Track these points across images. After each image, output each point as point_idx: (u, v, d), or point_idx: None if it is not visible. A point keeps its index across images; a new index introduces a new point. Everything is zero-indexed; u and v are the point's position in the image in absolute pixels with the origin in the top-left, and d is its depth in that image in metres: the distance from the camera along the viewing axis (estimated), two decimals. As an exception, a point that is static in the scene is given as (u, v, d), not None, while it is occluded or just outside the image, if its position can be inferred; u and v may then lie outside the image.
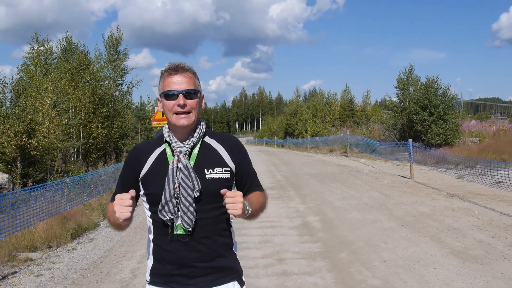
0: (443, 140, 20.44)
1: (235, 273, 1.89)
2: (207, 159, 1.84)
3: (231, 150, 1.90)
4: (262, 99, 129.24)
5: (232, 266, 1.89)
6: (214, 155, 1.87)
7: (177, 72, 1.79)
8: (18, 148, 11.90)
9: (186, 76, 1.80)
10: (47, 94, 14.10)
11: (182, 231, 1.75)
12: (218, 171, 1.82)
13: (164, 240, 1.80)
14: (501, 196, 9.06)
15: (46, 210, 6.95)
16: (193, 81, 1.82)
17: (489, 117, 44.30)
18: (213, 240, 1.81)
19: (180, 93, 1.77)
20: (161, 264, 1.82)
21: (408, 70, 25.92)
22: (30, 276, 5.21)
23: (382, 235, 6.40)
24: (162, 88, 1.81)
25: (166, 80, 1.80)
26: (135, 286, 4.70)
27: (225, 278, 1.84)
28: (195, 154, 1.84)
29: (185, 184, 1.74)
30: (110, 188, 10.87)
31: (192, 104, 1.80)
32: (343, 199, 9.55)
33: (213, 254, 1.81)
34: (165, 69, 1.84)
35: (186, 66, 1.83)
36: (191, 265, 1.78)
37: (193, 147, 1.85)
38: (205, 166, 1.82)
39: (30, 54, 19.21)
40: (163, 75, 1.83)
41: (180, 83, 1.78)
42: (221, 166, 1.84)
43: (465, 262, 5.02)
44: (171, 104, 1.78)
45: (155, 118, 13.79)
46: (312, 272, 4.90)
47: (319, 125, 40.52)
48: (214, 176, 1.81)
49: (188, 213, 1.73)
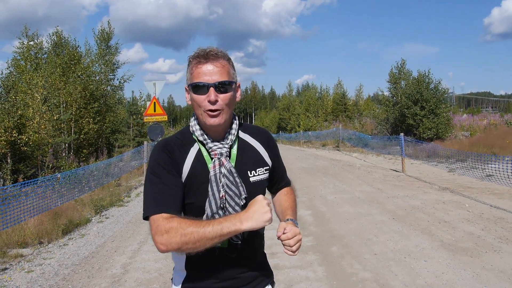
0: (435, 134, 20.58)
1: (270, 276, 1.79)
2: (248, 159, 1.64)
3: (268, 145, 1.73)
4: (255, 94, 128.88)
5: (268, 269, 1.80)
6: (254, 153, 1.67)
7: (208, 60, 1.52)
8: (8, 144, 11.79)
9: (219, 64, 1.52)
10: (38, 89, 13.98)
11: (225, 243, 1.54)
12: (260, 172, 1.65)
13: (204, 254, 1.50)
14: (491, 189, 9.14)
15: (37, 206, 6.89)
16: (226, 70, 1.54)
17: (481, 111, 44.66)
18: (257, 250, 1.70)
19: (211, 86, 1.50)
20: (196, 277, 1.62)
21: (400, 64, 26.03)
22: (21, 272, 5.18)
23: (374, 228, 6.43)
24: (190, 79, 1.54)
25: (195, 70, 1.53)
26: (127, 281, 4.69)
27: (263, 283, 1.73)
28: (234, 154, 1.61)
29: (231, 191, 1.53)
30: (102, 184, 10.81)
31: (225, 99, 1.53)
32: (335, 193, 9.58)
33: (254, 265, 1.68)
34: (193, 55, 1.56)
35: (219, 52, 1.55)
36: (234, 277, 1.61)
37: (231, 146, 1.62)
38: (248, 168, 1.62)
39: (20, 49, 19.02)
40: (191, 63, 1.55)
41: (211, 73, 1.50)
42: (262, 165, 1.67)
43: (455, 255, 5.07)
44: (200, 99, 1.52)
45: (147, 113, 13.74)
46: (303, 265, 4.92)
47: (311, 119, 40.67)
48: (257, 179, 1.64)
49: None
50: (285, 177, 1.90)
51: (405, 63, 26.02)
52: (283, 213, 1.77)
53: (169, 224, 1.39)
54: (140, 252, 5.78)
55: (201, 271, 1.60)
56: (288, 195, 1.85)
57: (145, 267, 5.14)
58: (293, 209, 1.78)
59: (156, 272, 4.95)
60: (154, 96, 13.71)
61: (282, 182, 1.88)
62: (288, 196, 1.84)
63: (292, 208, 1.77)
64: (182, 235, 1.36)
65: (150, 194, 1.51)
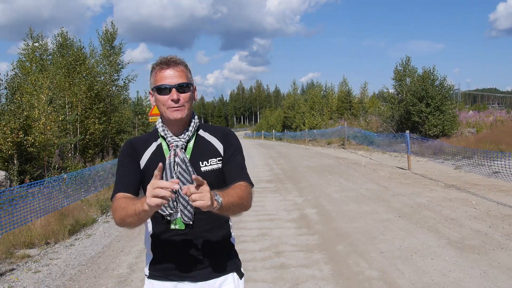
0: (441, 131, 20.46)
1: (234, 264, 1.91)
2: (202, 152, 1.83)
3: (222, 138, 1.89)
4: (259, 92, 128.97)
5: (231, 257, 1.91)
6: (208, 147, 1.86)
7: (169, 66, 1.75)
8: (14, 145, 11.85)
9: (178, 69, 1.76)
10: (43, 90, 14.04)
11: (182, 225, 1.75)
12: (212, 162, 1.82)
13: (163, 235, 1.80)
14: (498, 186, 9.08)
15: (43, 206, 6.94)
16: (185, 74, 1.78)
17: (487, 108, 44.41)
18: (212, 233, 1.82)
19: (173, 87, 1.73)
20: (161, 258, 1.83)
21: (405, 61, 25.86)
22: (28, 272, 5.21)
23: (380, 226, 6.41)
24: (154, 83, 1.77)
25: (158, 75, 1.76)
26: (133, 281, 4.70)
27: (224, 269, 1.85)
28: (190, 147, 1.82)
29: (183, 178, 1.72)
30: (108, 184, 10.86)
31: (185, 98, 1.77)
32: (341, 191, 9.56)
33: (213, 247, 1.82)
34: (156, 63, 1.79)
35: (178, 60, 1.80)
36: (191, 258, 1.79)
37: (188, 141, 1.83)
38: (200, 159, 1.81)
39: (25, 50, 19.10)
40: (154, 69, 1.78)
41: (172, 77, 1.74)
42: (214, 156, 1.84)
43: (462, 253, 5.04)
44: (164, 98, 1.75)
45: (152, 113, 13.78)
46: (309, 264, 4.91)
47: (316, 117, 40.51)
48: (209, 168, 1.81)
49: (188, 207, 1.72)
50: (242, 174, 1.83)
51: (410, 60, 25.84)
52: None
53: (115, 202, 1.69)
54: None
55: (162, 252, 1.82)
56: (235, 186, 1.74)
57: (151, 266, 5.14)
58: (231, 193, 1.64)
59: (162, 271, 4.95)
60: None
61: (238, 178, 1.81)
62: (235, 185, 1.74)
63: (231, 193, 1.65)
64: (119, 210, 1.62)
65: (116, 179, 1.83)
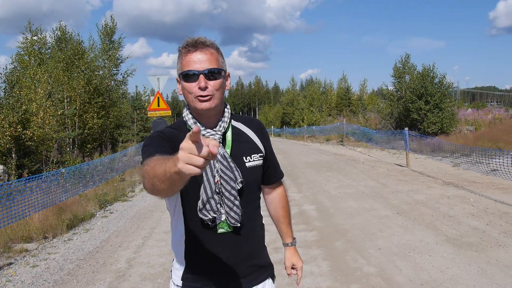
0: (439, 129, 20.49)
1: (270, 268, 1.80)
2: (243, 145, 1.66)
3: (261, 133, 1.75)
4: (258, 88, 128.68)
5: (268, 261, 1.80)
6: (248, 140, 1.69)
7: (197, 49, 1.53)
8: (12, 139, 11.83)
9: (207, 52, 1.54)
10: (41, 84, 14.00)
11: (227, 228, 1.57)
12: (255, 158, 1.67)
13: (203, 240, 1.58)
14: (496, 184, 9.10)
15: (41, 201, 6.92)
16: (215, 58, 1.55)
17: (485, 106, 44.45)
18: (256, 235, 1.70)
19: (201, 73, 1.51)
20: (198, 267, 1.61)
21: (404, 58, 25.85)
22: (26, 267, 5.20)
23: (378, 223, 6.42)
24: (181, 68, 1.55)
25: (184, 59, 1.54)
26: (131, 276, 4.70)
27: (263, 275, 1.73)
28: (229, 140, 1.62)
29: (226, 176, 1.53)
30: (107, 179, 10.85)
31: (215, 85, 1.53)
32: (339, 187, 9.57)
33: (255, 251, 1.69)
34: (182, 45, 1.56)
35: (207, 41, 1.56)
36: (235, 265, 1.61)
37: (225, 133, 1.63)
38: (243, 154, 1.64)
39: (23, 44, 19.06)
40: (181, 52, 1.56)
41: (200, 61, 1.51)
42: (257, 152, 1.68)
43: (460, 249, 5.05)
44: (191, 86, 1.53)
45: (150, 108, 13.73)
46: (307, 260, 4.91)
47: (315, 114, 40.53)
48: (253, 164, 1.65)
49: (234, 207, 1.54)
50: (278, 169, 1.89)
51: (409, 57, 25.83)
52: (279, 223, 1.98)
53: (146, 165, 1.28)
54: (144, 247, 5.79)
55: (200, 259, 1.60)
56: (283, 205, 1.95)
57: (149, 262, 5.15)
58: (288, 221, 1.97)
59: (160, 266, 4.96)
60: (158, 91, 13.68)
61: (275, 173, 1.87)
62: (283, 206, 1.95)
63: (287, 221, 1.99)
64: (148, 172, 1.22)
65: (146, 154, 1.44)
